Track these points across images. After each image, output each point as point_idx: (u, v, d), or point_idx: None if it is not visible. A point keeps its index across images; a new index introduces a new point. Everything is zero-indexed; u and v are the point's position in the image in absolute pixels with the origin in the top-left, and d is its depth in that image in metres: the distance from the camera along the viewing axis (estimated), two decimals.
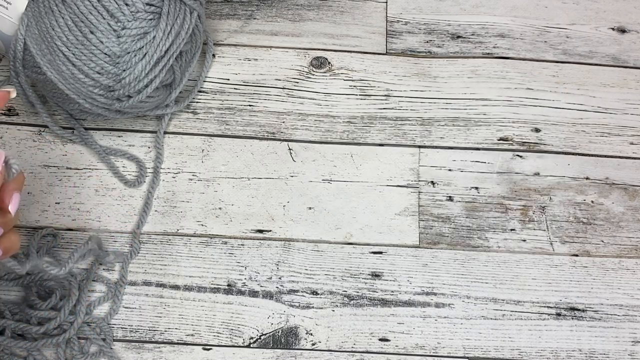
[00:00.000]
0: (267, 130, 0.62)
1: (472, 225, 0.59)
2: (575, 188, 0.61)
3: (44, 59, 0.53)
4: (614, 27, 0.69)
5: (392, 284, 0.56)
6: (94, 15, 0.52)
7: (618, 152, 0.63)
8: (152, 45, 0.54)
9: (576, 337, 0.55)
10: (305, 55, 0.66)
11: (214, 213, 0.58)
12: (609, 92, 0.65)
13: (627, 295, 0.57)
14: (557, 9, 0.70)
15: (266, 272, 0.56)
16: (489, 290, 0.56)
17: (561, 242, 0.58)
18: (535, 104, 0.64)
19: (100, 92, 0.54)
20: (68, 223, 0.57)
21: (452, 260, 0.57)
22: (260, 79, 0.64)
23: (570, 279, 0.57)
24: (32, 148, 0.59)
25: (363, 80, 0.65)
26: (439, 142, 0.62)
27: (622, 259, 0.58)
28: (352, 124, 0.62)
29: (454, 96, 0.64)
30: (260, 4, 0.68)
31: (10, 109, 0.61)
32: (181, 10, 0.56)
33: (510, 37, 0.68)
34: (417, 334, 0.54)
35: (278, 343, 0.54)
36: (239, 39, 0.66)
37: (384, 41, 0.67)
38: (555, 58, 0.67)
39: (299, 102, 0.63)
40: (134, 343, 0.53)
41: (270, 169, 0.60)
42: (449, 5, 0.69)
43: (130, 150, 0.60)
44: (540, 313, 0.55)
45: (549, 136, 0.63)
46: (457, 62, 0.66)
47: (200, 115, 0.62)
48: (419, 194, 0.60)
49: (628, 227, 0.59)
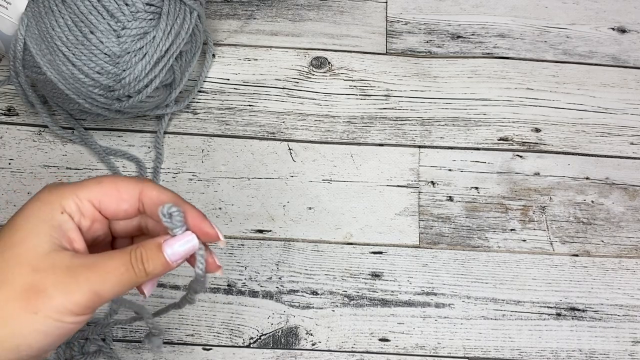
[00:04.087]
0: (267, 130, 0.62)
1: (472, 225, 0.59)
2: (575, 188, 0.61)
3: (44, 59, 0.53)
4: (614, 27, 0.69)
5: (392, 284, 0.56)
6: (94, 15, 0.52)
7: (618, 152, 0.63)
8: (152, 45, 0.54)
9: (576, 337, 0.55)
10: (305, 55, 0.66)
11: (214, 213, 0.58)
12: (609, 92, 0.65)
13: (627, 295, 0.57)
14: (557, 9, 0.70)
15: (266, 272, 0.56)
16: (489, 290, 0.56)
17: (561, 242, 0.58)
18: (535, 104, 0.64)
19: (100, 92, 0.54)
20: None
21: (452, 260, 0.57)
22: (260, 79, 0.64)
23: (570, 279, 0.57)
24: (32, 148, 0.59)
25: (363, 80, 0.65)
26: (439, 142, 0.62)
27: (622, 259, 0.58)
28: (352, 124, 0.62)
29: (454, 96, 0.64)
30: (260, 4, 0.68)
31: (10, 109, 0.61)
32: (181, 10, 0.56)
33: (510, 37, 0.68)
34: (417, 334, 0.54)
35: (278, 343, 0.54)
36: (239, 39, 0.66)
37: (384, 41, 0.67)
38: (555, 58, 0.67)
39: (299, 102, 0.63)
40: (134, 343, 0.53)
41: (270, 169, 0.60)
42: (449, 5, 0.69)
43: (130, 150, 0.60)
44: (540, 313, 0.55)
45: (549, 136, 0.63)
46: (457, 62, 0.66)
47: (200, 115, 0.62)
48: (419, 194, 0.60)
49: (628, 227, 0.59)
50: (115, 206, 0.33)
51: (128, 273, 0.31)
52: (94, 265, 0.31)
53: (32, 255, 0.31)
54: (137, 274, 0.32)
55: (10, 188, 0.58)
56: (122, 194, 0.33)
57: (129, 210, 0.34)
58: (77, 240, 0.32)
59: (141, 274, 0.32)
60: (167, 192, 0.34)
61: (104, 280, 0.31)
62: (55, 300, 0.30)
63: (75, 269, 0.31)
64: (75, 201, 0.33)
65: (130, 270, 0.31)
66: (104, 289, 0.31)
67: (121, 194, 0.33)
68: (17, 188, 0.58)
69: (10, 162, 0.59)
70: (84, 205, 0.33)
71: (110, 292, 0.31)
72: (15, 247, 0.31)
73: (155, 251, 0.32)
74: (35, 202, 0.32)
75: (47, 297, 0.30)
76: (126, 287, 0.32)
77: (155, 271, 0.32)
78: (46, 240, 0.31)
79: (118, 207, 0.33)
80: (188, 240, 0.33)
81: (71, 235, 0.32)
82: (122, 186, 0.33)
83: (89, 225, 0.33)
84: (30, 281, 0.30)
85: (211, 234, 0.34)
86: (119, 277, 0.31)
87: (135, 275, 0.32)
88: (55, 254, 0.31)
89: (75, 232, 0.32)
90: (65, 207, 0.32)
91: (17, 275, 0.30)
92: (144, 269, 0.32)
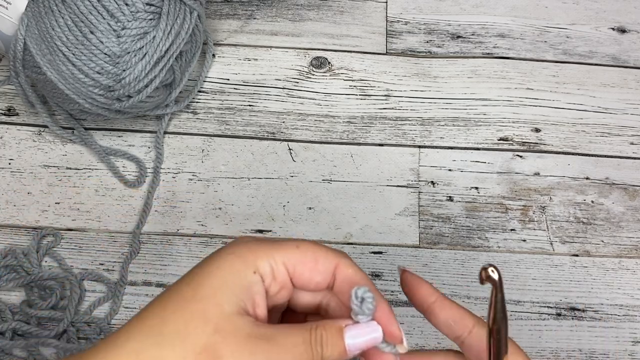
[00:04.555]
0: (267, 130, 0.62)
1: (472, 225, 0.59)
2: (575, 188, 0.61)
3: (44, 59, 0.53)
4: (614, 27, 0.69)
5: (392, 284, 0.56)
6: (94, 15, 0.52)
7: (618, 152, 0.63)
8: (152, 45, 0.54)
9: (576, 337, 0.55)
10: (305, 55, 0.66)
11: (214, 213, 0.58)
12: (609, 92, 0.65)
13: (627, 295, 0.57)
14: (557, 9, 0.70)
15: None
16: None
17: (561, 242, 0.58)
18: (535, 104, 0.64)
19: (100, 92, 0.54)
20: (68, 223, 0.57)
21: (452, 260, 0.57)
22: (260, 79, 0.64)
23: (570, 279, 0.57)
24: (32, 148, 0.59)
25: (363, 80, 0.65)
26: (439, 142, 0.62)
27: (622, 259, 0.58)
28: (352, 124, 0.62)
29: (454, 96, 0.64)
30: (260, 4, 0.68)
31: (10, 109, 0.61)
32: (181, 10, 0.56)
33: (511, 37, 0.68)
34: (417, 334, 0.54)
35: None
36: (239, 39, 0.66)
37: (384, 41, 0.67)
38: (556, 58, 0.67)
39: (299, 102, 0.63)
40: None
41: (270, 169, 0.60)
42: (449, 5, 0.69)
43: (130, 150, 0.60)
44: (540, 313, 0.55)
45: (549, 136, 0.63)
46: (457, 62, 0.66)
47: (200, 115, 0.62)
48: (419, 194, 0.60)
49: (628, 227, 0.59)
50: (309, 276, 0.31)
51: (306, 354, 0.29)
52: (274, 339, 0.29)
53: (217, 313, 0.28)
54: (314, 357, 0.29)
55: (10, 188, 0.58)
56: (318, 265, 0.31)
57: (320, 283, 0.31)
58: (260, 305, 0.30)
59: (317, 358, 0.29)
60: (362, 273, 0.32)
61: (280, 357, 0.29)
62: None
63: (255, 339, 0.28)
64: (270, 263, 0.30)
65: (308, 352, 0.29)
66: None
67: (318, 264, 0.31)
68: (17, 188, 0.58)
69: (10, 162, 0.59)
70: (278, 268, 0.30)
71: None
72: (203, 300, 0.29)
73: (336, 335, 0.30)
74: (229, 255, 0.30)
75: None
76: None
77: (331, 357, 0.30)
78: (233, 301, 0.29)
79: (311, 277, 0.31)
80: (373, 331, 0.30)
81: (257, 300, 0.30)
82: (321, 255, 0.31)
83: (276, 291, 0.31)
84: (212, 342, 0.28)
85: (395, 335, 0.31)
86: (296, 356, 0.29)
87: (312, 358, 0.29)
88: (238, 318, 0.29)
89: (261, 297, 0.30)
90: (259, 268, 0.30)
91: (200, 333, 0.28)
92: (321, 353, 0.29)
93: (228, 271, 0.29)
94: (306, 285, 0.32)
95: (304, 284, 0.31)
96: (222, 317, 0.28)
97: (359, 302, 0.30)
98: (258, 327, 0.29)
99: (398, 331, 0.31)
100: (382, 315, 0.30)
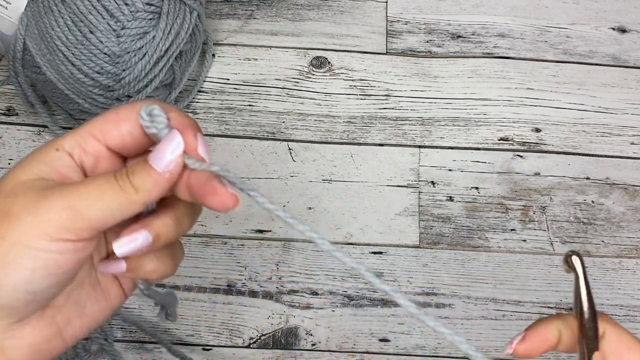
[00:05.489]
0: (267, 130, 0.62)
1: (473, 225, 0.59)
2: (575, 188, 0.61)
3: (44, 59, 0.53)
4: (614, 27, 0.69)
5: (392, 284, 0.56)
6: (93, 15, 0.52)
7: (618, 152, 0.63)
8: (151, 45, 0.54)
9: None
10: (305, 55, 0.65)
11: (214, 213, 0.58)
12: (609, 92, 0.65)
13: (627, 295, 0.56)
14: (557, 8, 0.70)
15: (266, 273, 0.56)
16: (489, 290, 0.56)
17: (561, 242, 0.58)
18: (536, 104, 0.64)
19: (100, 92, 0.54)
20: None
21: (452, 260, 0.57)
22: (260, 79, 0.64)
23: (570, 279, 0.57)
24: (32, 148, 0.59)
25: (363, 80, 0.64)
26: (439, 142, 0.62)
27: (622, 259, 0.58)
28: (352, 124, 0.62)
29: (454, 96, 0.64)
30: (260, 4, 0.68)
31: (10, 109, 0.61)
32: (181, 10, 0.56)
33: (511, 37, 0.68)
34: (417, 334, 0.54)
35: (278, 343, 0.53)
36: (239, 38, 0.66)
37: (384, 41, 0.67)
38: (556, 58, 0.67)
39: (299, 102, 0.63)
40: (134, 343, 0.53)
41: (270, 169, 0.60)
42: (449, 5, 0.69)
43: None
44: (540, 313, 0.55)
45: (549, 136, 0.63)
46: (457, 62, 0.66)
47: (200, 115, 0.62)
48: (419, 194, 0.60)
49: (628, 227, 0.59)
50: (117, 131, 0.29)
51: (109, 184, 0.27)
52: (71, 185, 0.27)
53: (10, 182, 0.28)
54: (123, 187, 0.28)
55: None
56: (120, 116, 0.29)
57: (133, 132, 0.29)
58: (73, 178, 0.29)
59: (128, 189, 0.28)
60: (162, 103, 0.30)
61: (81, 195, 0.27)
62: (23, 221, 0.26)
63: (49, 189, 0.27)
64: (74, 138, 0.29)
65: (112, 182, 0.28)
66: (83, 205, 0.27)
67: (119, 115, 0.29)
68: None
69: (10, 162, 0.59)
70: (85, 140, 0.29)
71: (92, 209, 0.27)
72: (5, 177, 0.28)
73: (141, 163, 0.28)
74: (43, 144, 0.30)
75: (16, 219, 0.26)
76: (113, 206, 0.27)
77: (144, 185, 0.28)
78: (31, 171, 0.28)
79: (119, 130, 0.29)
80: (171, 140, 0.28)
81: (63, 171, 0.29)
82: (121, 109, 0.30)
83: (93, 163, 0.30)
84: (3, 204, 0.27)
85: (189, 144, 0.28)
86: (100, 190, 0.27)
87: (121, 189, 0.28)
88: (32, 181, 0.28)
89: (71, 169, 0.29)
90: (64, 145, 0.29)
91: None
92: (129, 182, 0.28)
93: (32, 154, 0.29)
94: (123, 142, 0.30)
95: (119, 142, 0.30)
96: (14, 184, 0.28)
97: (149, 119, 0.28)
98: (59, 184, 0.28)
99: (193, 140, 0.28)
100: (176, 124, 0.29)
